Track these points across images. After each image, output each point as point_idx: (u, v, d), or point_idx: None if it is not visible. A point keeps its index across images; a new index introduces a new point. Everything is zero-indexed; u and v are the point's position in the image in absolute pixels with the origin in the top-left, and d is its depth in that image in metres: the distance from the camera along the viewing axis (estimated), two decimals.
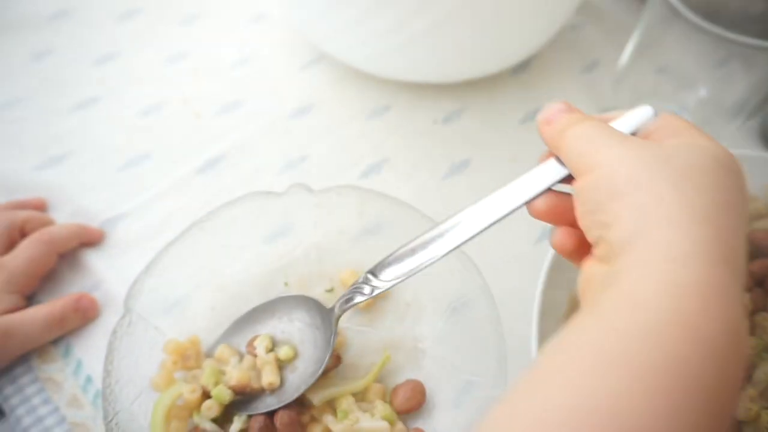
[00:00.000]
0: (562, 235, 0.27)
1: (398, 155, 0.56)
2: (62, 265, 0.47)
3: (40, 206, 0.50)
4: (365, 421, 0.39)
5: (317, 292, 0.46)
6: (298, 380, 0.39)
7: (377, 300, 0.45)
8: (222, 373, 0.40)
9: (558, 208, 0.27)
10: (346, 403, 0.40)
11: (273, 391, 0.39)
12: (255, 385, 0.39)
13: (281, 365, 0.40)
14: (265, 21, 0.66)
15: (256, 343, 0.40)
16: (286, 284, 0.46)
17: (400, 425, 0.40)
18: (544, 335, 0.39)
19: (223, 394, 0.38)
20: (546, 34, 0.58)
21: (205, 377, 0.39)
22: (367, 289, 0.35)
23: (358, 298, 0.36)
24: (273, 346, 0.41)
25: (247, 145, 0.56)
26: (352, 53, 0.58)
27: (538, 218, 0.28)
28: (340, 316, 0.39)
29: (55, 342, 0.44)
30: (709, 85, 0.56)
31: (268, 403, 0.39)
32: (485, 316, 0.40)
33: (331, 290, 0.46)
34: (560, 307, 0.43)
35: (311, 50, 0.63)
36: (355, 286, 0.36)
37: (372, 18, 0.50)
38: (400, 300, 0.46)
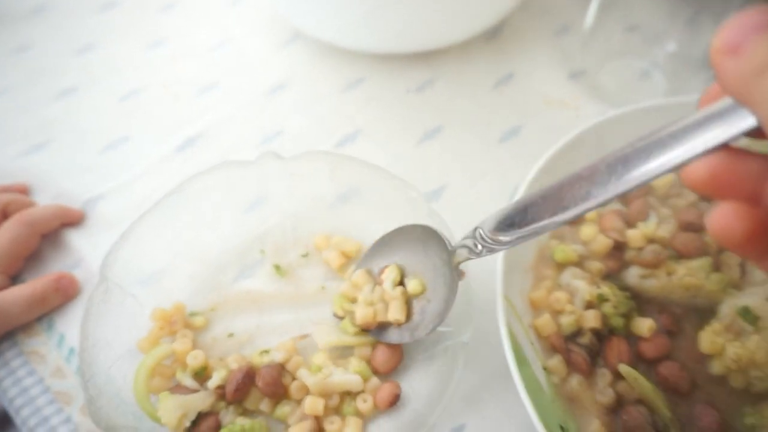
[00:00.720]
0: (732, 215, 0.18)
1: (372, 125, 0.56)
2: (45, 245, 0.49)
3: (22, 190, 0.51)
4: (338, 375, 0.39)
5: (291, 258, 0.47)
6: (427, 317, 0.39)
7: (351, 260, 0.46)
8: (353, 300, 0.41)
9: (728, 176, 0.18)
10: (320, 358, 0.41)
11: (399, 325, 0.40)
12: (381, 318, 0.40)
13: (409, 298, 0.40)
14: (241, 4, 0.67)
15: (384, 276, 0.41)
16: (262, 252, 0.47)
17: (374, 380, 0.40)
18: (509, 285, 0.40)
19: (348, 328, 0.41)
20: None
21: (337, 302, 0.41)
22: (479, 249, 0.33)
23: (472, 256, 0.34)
24: (402, 277, 0.41)
25: (224, 124, 0.57)
26: (324, 28, 0.58)
27: (692, 187, 0.19)
28: (459, 263, 0.37)
29: (38, 318, 0.45)
30: (678, 39, 0.57)
31: (401, 336, 0.40)
32: None
33: (306, 255, 0.47)
34: (527, 257, 0.43)
35: (286, 30, 0.64)
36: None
37: None
38: None
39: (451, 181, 0.52)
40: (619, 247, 0.43)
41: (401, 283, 0.41)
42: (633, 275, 0.41)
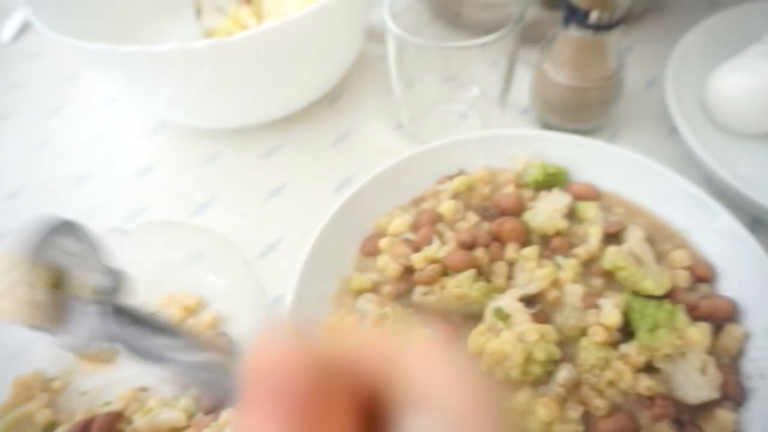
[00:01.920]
0: None
1: (225, 192, 0.64)
2: None
3: None
4: (165, 413, 0.45)
5: None
6: None
7: None
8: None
9: None
10: (154, 401, 0.47)
11: None
12: None
13: None
14: (115, 105, 0.76)
15: None
16: None
17: (200, 415, 0.46)
18: (306, 311, 0.46)
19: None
20: (342, 66, 0.68)
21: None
22: None
23: None
24: None
25: (95, 208, 0.64)
26: (182, 115, 0.67)
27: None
28: None
29: None
30: (482, 84, 0.65)
31: None
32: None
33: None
34: (328, 290, 0.50)
35: (152, 120, 0.72)
36: None
37: (182, 90, 0.60)
38: None
39: (288, 233, 0.59)
40: (409, 271, 0.49)
41: None
42: (417, 294, 0.48)
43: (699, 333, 0.42)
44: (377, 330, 0.45)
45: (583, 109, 0.61)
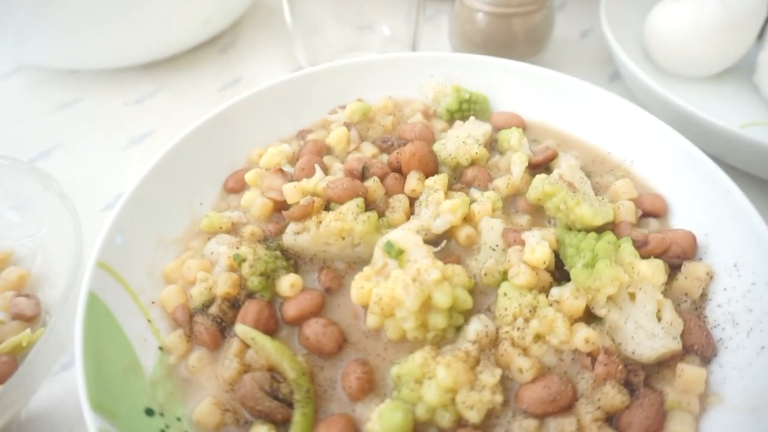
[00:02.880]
0: None
1: (76, 139, 0.52)
2: None
3: None
4: None
5: None
6: None
7: None
8: None
9: None
10: None
11: None
12: None
13: None
14: None
15: None
16: None
17: None
18: (131, 261, 0.34)
19: None
20: (232, 9, 0.58)
21: None
22: None
23: None
24: None
25: None
26: (34, 54, 0.55)
27: None
28: None
29: None
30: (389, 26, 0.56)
31: None
32: None
33: None
34: (175, 230, 0.37)
35: (8, 62, 0.60)
36: None
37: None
38: None
39: None
40: (282, 209, 0.37)
41: None
42: (289, 234, 0.36)
43: (651, 267, 0.31)
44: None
45: (509, 45, 0.52)
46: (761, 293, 0.31)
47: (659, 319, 0.31)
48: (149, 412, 0.28)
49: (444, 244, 0.35)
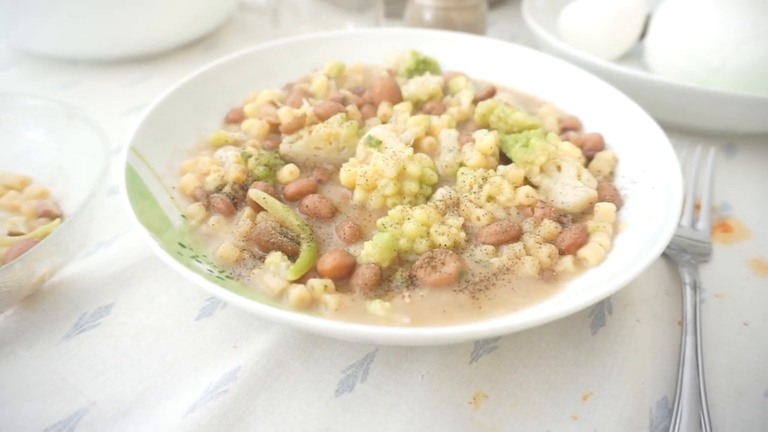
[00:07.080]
0: None
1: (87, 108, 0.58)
2: None
3: None
4: None
5: None
6: None
7: None
8: None
9: None
10: None
11: None
12: None
13: None
14: None
15: None
16: None
17: None
18: (154, 153, 0.40)
19: None
20: (217, 11, 0.68)
21: None
22: None
23: None
24: None
25: None
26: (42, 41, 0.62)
27: None
28: None
29: None
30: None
31: None
32: None
33: None
34: (186, 144, 0.44)
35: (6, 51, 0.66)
36: None
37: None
38: None
39: None
40: (276, 131, 0.46)
41: None
42: (284, 143, 0.44)
43: (570, 145, 0.41)
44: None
45: None
46: (650, 161, 0.41)
47: (579, 178, 0.40)
48: (182, 245, 0.34)
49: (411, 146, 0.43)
